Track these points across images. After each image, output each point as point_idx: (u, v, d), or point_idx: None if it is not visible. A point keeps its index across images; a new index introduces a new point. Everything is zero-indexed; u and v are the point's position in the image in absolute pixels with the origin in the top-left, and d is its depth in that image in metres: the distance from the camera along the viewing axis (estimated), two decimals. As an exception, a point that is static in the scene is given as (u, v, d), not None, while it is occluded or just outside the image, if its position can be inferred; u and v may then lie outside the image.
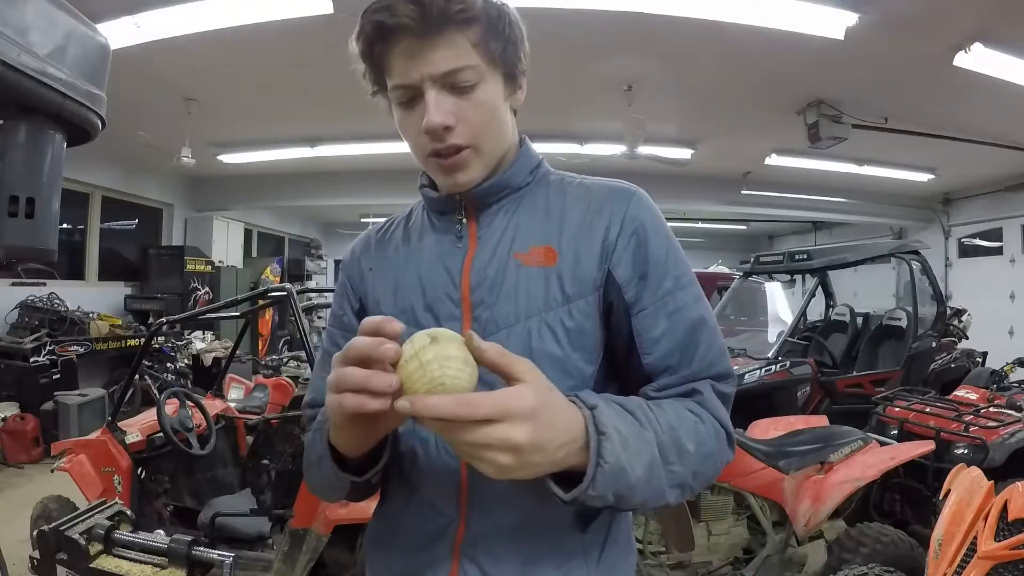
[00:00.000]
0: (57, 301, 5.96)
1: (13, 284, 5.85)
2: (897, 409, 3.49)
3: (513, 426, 0.54)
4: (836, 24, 3.68)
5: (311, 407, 0.87)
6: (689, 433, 0.68)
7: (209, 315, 4.66)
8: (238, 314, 4.30)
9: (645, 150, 5.58)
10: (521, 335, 0.75)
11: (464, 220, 0.82)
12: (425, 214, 0.88)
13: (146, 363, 5.81)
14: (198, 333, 7.17)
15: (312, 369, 2.51)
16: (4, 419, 4.79)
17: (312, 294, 5.41)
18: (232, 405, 3.77)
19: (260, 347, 8.43)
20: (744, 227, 13.22)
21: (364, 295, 0.88)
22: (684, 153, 6.65)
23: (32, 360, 5.21)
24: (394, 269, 0.85)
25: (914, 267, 5.15)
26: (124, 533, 1.30)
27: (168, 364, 6.40)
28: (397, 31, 0.70)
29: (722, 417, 0.73)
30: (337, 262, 13.98)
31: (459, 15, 0.70)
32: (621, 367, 0.78)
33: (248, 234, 10.33)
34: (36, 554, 1.28)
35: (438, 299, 0.79)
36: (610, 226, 0.77)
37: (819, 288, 5.55)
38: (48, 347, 5.39)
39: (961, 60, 4.05)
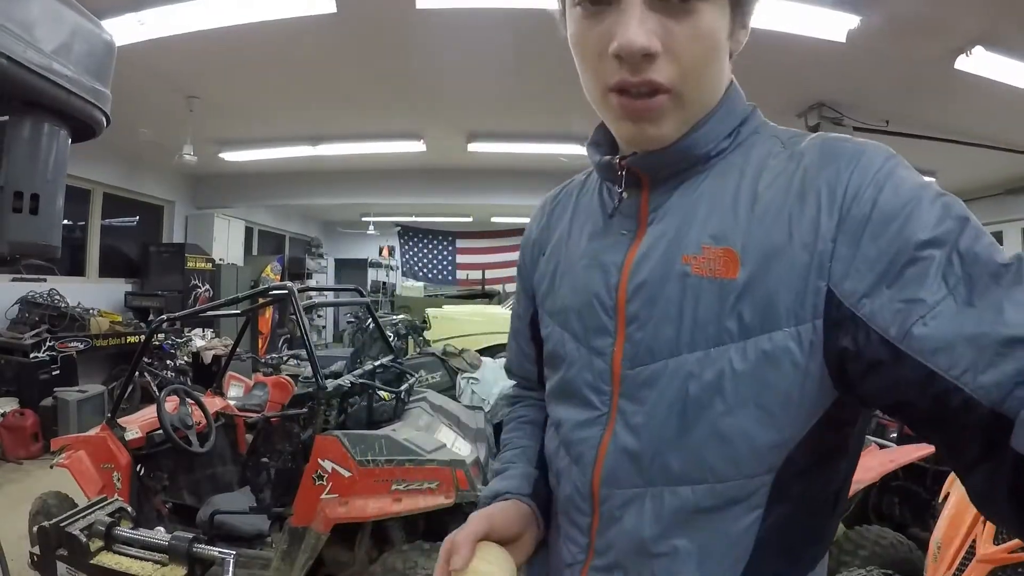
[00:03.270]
0: (57, 297, 5.95)
1: (13, 280, 5.85)
2: (896, 412, 3.49)
3: None
4: (838, 27, 3.68)
5: (508, 372, 0.88)
6: None
7: (209, 313, 4.66)
8: (238, 312, 4.29)
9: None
10: (677, 375, 0.55)
11: (625, 196, 0.62)
12: (600, 183, 0.69)
13: (146, 360, 5.80)
14: (198, 331, 7.16)
15: (311, 366, 2.51)
16: (3, 415, 4.79)
17: (312, 293, 5.41)
18: (232, 403, 3.76)
19: (260, 345, 8.43)
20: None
21: (533, 280, 0.76)
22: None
23: (32, 356, 5.21)
24: (556, 255, 0.70)
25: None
26: (125, 530, 1.31)
27: (168, 361, 6.40)
28: None
29: None
30: (337, 261, 14.01)
31: None
32: (936, 424, 0.45)
33: (249, 232, 10.33)
34: (36, 550, 1.28)
35: (587, 306, 0.62)
36: (820, 210, 0.50)
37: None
38: (48, 343, 5.38)
39: (962, 63, 4.05)
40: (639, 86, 0.53)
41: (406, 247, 11.99)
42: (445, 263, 11.14)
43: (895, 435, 3.28)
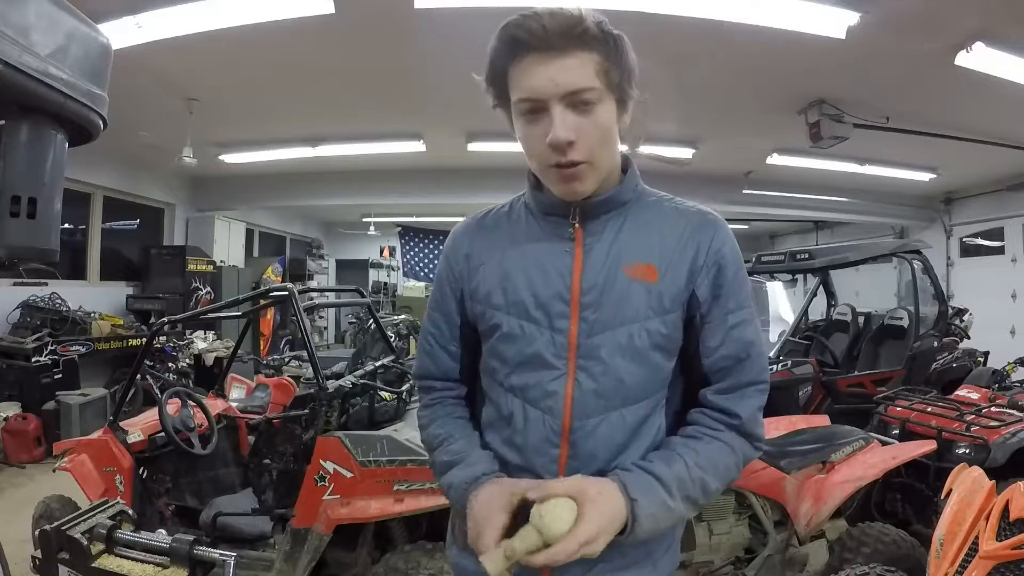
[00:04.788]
0: (59, 301, 5.97)
1: (15, 284, 5.85)
2: (899, 409, 3.48)
3: (599, 543, 0.80)
4: (837, 23, 3.67)
5: (420, 378, 1.08)
6: (718, 472, 0.90)
7: (211, 315, 4.67)
8: (240, 314, 4.30)
9: (646, 149, 5.54)
10: (625, 336, 0.90)
11: (575, 226, 0.92)
12: (528, 212, 0.99)
13: (148, 363, 5.81)
14: (200, 333, 7.17)
15: (310, 365, 2.51)
16: (6, 419, 4.80)
17: (313, 294, 5.41)
18: (234, 405, 3.77)
19: (262, 347, 8.44)
20: (746, 226, 13.19)
21: (468, 285, 0.99)
22: (685, 153, 6.64)
23: (34, 360, 5.22)
24: (503, 265, 0.96)
25: (916, 267, 5.14)
26: (126, 533, 1.31)
27: (170, 364, 6.40)
28: (530, 47, 0.80)
29: (757, 434, 0.94)
30: (338, 262, 14.02)
31: (582, 35, 0.80)
32: (687, 364, 0.96)
33: (249, 234, 10.34)
34: (38, 553, 1.28)
35: (551, 299, 0.91)
36: (698, 253, 0.92)
37: (821, 287, 5.55)
38: (50, 347, 5.39)
39: (963, 59, 4.04)
40: (567, 163, 0.84)
41: (407, 247, 12.00)
42: (446, 263, 11.12)
43: (897, 432, 3.28)
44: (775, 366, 4.56)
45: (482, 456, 0.96)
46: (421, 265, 11.90)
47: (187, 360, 6.69)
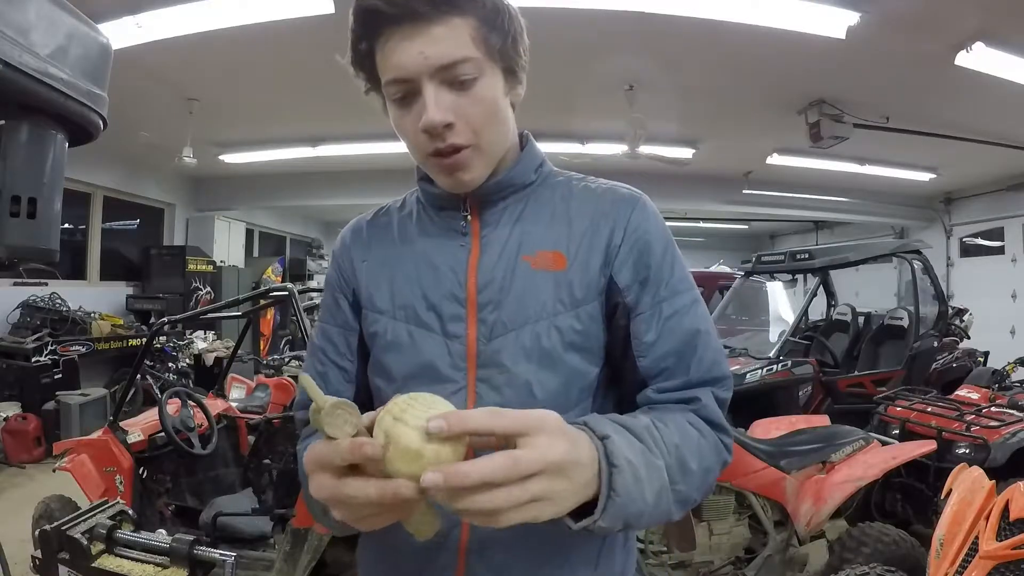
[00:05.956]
0: (59, 301, 5.96)
1: (15, 284, 5.85)
2: (899, 409, 3.48)
3: (552, 479, 0.52)
4: (837, 23, 3.67)
5: (304, 408, 0.81)
6: (693, 451, 0.68)
7: (211, 315, 4.67)
8: (240, 314, 4.30)
9: (646, 150, 5.57)
10: (530, 337, 0.74)
11: (468, 218, 0.79)
12: (420, 207, 0.86)
13: (148, 363, 5.81)
14: (200, 333, 7.17)
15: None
16: (6, 419, 4.80)
17: (314, 294, 5.41)
18: (234, 405, 3.77)
19: (262, 347, 8.43)
20: (745, 227, 13.20)
21: (357, 287, 0.84)
22: (685, 153, 6.64)
23: (34, 360, 5.21)
24: (389, 263, 0.82)
25: (916, 267, 5.14)
26: (126, 533, 1.31)
27: (170, 364, 6.40)
28: (390, 19, 0.67)
29: (721, 423, 0.74)
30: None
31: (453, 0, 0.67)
32: (619, 370, 0.78)
33: (249, 234, 10.34)
34: (38, 553, 1.28)
35: (442, 299, 0.77)
36: (614, 232, 0.77)
37: (821, 287, 5.55)
38: (50, 347, 5.39)
39: (963, 59, 4.04)
40: (447, 149, 0.71)
41: (407, 247, 11.96)
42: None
43: (897, 432, 3.28)
44: (775, 366, 4.56)
45: None
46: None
47: (187, 360, 6.69)
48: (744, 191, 8.30)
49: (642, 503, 0.60)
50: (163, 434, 2.80)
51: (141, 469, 2.77)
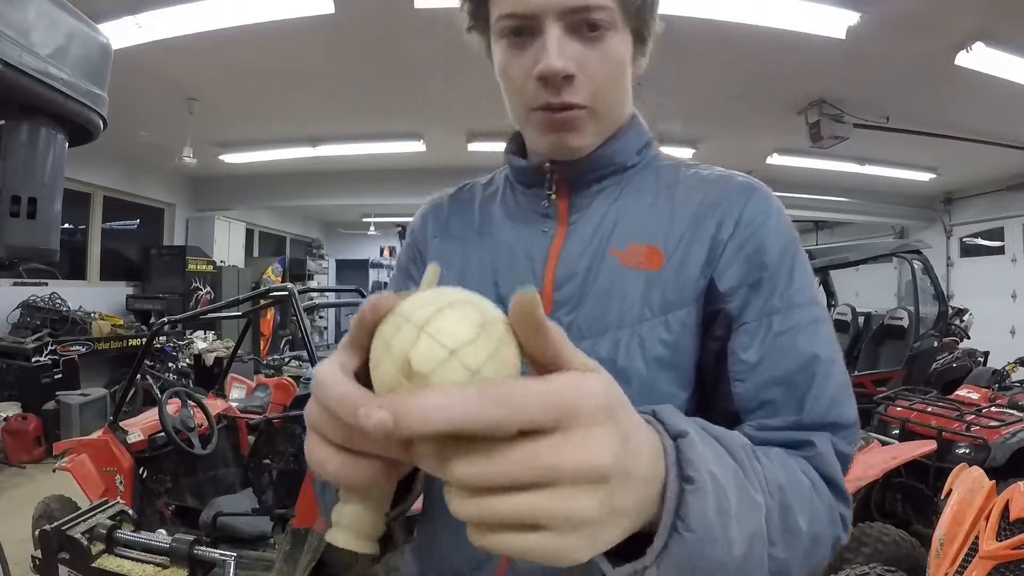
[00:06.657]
0: (59, 301, 5.96)
1: (15, 284, 5.85)
2: (899, 408, 3.48)
3: (581, 494, 0.30)
4: (837, 23, 3.68)
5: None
6: (803, 503, 0.48)
7: (211, 315, 4.67)
8: (240, 314, 4.30)
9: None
10: (608, 348, 0.61)
11: (554, 197, 0.68)
12: (507, 184, 0.75)
13: (148, 363, 5.81)
14: (200, 333, 7.17)
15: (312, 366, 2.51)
16: (6, 419, 4.80)
17: (313, 294, 5.42)
18: (234, 405, 3.77)
19: (262, 347, 8.44)
20: (745, 227, 13.20)
21: (427, 263, 0.73)
22: (686, 152, 6.64)
23: (34, 360, 5.21)
24: (462, 244, 0.72)
25: (916, 266, 5.15)
26: (126, 533, 1.31)
27: (170, 364, 6.41)
28: None
29: (840, 486, 0.55)
30: (339, 262, 14.03)
31: None
32: (711, 400, 0.61)
33: (249, 234, 10.34)
34: (38, 553, 1.28)
35: (515, 291, 0.60)
36: (722, 225, 0.62)
37: (821, 287, 5.54)
38: (50, 347, 5.39)
39: (963, 59, 4.05)
40: (560, 105, 0.60)
41: (407, 247, 11.95)
42: (446, 263, 11.13)
43: (897, 432, 3.28)
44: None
45: None
46: (421, 265, 11.88)
47: (187, 360, 6.69)
48: (744, 191, 8.29)
49: (724, 551, 0.38)
50: (163, 434, 2.80)
51: (141, 469, 2.77)
